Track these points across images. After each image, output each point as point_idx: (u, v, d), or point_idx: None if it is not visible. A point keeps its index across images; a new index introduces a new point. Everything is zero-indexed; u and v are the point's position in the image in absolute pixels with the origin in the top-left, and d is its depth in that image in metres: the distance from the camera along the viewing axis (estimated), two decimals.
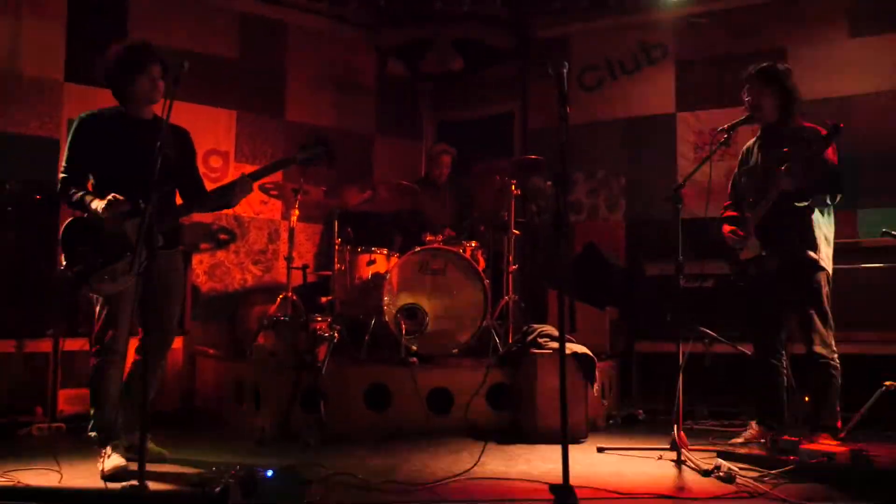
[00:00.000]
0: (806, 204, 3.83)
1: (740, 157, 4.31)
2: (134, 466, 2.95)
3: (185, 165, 3.75)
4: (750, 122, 4.13)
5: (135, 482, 2.68)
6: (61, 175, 3.54)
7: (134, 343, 3.67)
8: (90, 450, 3.52)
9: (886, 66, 5.61)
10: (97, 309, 3.53)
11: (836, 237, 4.04)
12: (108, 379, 3.49)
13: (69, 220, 3.47)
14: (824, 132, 3.85)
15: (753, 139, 4.25)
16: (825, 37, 5.83)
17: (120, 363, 3.53)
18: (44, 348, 4.55)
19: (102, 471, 3.32)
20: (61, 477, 3.22)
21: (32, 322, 4.53)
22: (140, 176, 3.35)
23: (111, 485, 3.05)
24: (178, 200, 3.77)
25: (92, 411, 3.52)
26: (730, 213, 4.23)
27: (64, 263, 3.42)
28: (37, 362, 4.59)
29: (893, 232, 4.59)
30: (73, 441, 3.98)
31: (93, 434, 3.50)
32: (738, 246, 4.08)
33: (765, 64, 4.09)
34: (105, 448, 3.42)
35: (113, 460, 3.36)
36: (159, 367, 3.70)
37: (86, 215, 3.43)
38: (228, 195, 3.65)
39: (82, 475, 3.30)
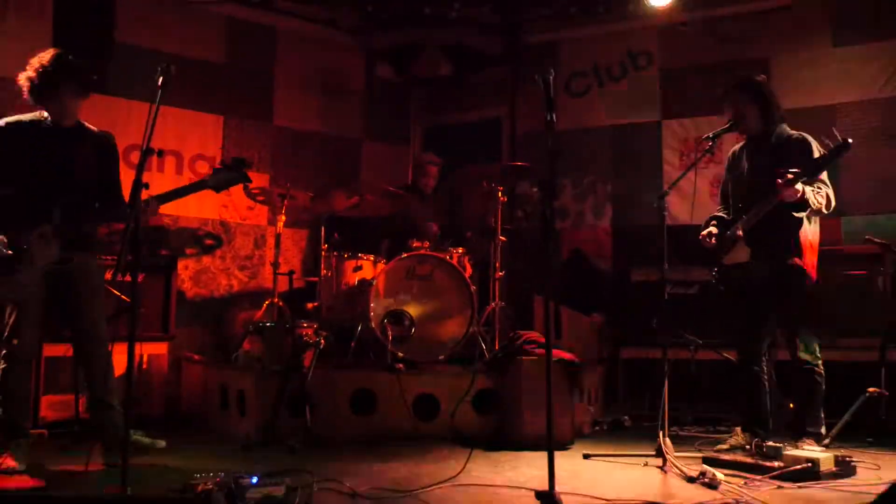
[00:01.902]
0: (804, 214, 3.85)
1: (728, 161, 4.32)
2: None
3: (107, 172, 3.75)
4: (734, 131, 4.15)
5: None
6: None
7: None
8: (74, 455, 3.49)
9: (869, 75, 5.67)
10: (7, 313, 3.54)
11: (819, 244, 4.07)
12: (11, 383, 3.51)
13: None
14: (812, 140, 3.89)
15: (740, 145, 4.27)
16: (809, 46, 5.88)
17: (25, 368, 3.60)
18: None
19: None
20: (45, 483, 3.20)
21: None
22: (54, 183, 3.42)
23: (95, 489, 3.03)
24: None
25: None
26: (717, 216, 4.23)
27: None
28: None
29: (876, 239, 4.64)
30: (56, 447, 3.94)
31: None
32: (717, 248, 4.08)
33: (742, 78, 4.13)
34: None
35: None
36: (98, 366, 3.66)
37: None
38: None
39: (65, 481, 3.27)
